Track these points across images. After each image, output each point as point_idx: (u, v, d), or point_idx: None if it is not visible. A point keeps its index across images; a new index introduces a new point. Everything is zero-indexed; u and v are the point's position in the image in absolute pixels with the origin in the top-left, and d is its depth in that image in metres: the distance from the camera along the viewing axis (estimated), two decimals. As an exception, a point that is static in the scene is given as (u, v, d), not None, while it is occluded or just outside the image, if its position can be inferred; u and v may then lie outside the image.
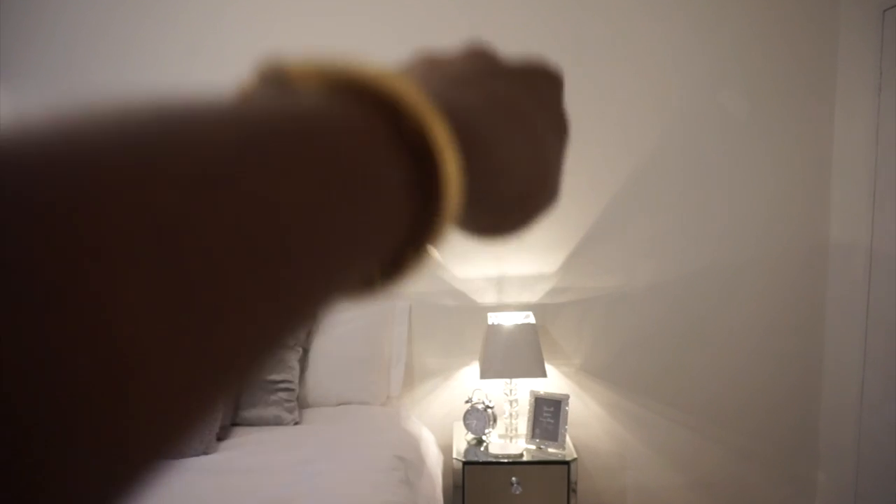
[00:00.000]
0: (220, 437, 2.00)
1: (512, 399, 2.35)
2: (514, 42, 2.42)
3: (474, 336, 2.52)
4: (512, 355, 2.25)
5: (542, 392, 2.35)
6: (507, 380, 2.34)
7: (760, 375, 2.53)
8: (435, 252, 0.22)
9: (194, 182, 0.14)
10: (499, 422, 2.42)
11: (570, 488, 2.19)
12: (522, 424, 2.38)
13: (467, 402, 2.36)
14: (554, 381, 2.52)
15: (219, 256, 0.14)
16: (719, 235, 2.49)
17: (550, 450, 2.26)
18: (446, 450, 2.40)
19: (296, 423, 2.15)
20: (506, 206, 0.28)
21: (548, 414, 2.30)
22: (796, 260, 2.49)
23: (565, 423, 2.27)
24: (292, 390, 2.21)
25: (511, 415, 2.36)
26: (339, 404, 2.33)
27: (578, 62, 2.45)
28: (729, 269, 2.50)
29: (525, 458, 2.21)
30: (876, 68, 2.20)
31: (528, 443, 2.30)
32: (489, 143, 0.24)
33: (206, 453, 1.89)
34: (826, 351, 2.49)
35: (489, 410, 2.33)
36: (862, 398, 2.27)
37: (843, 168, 2.40)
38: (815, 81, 2.42)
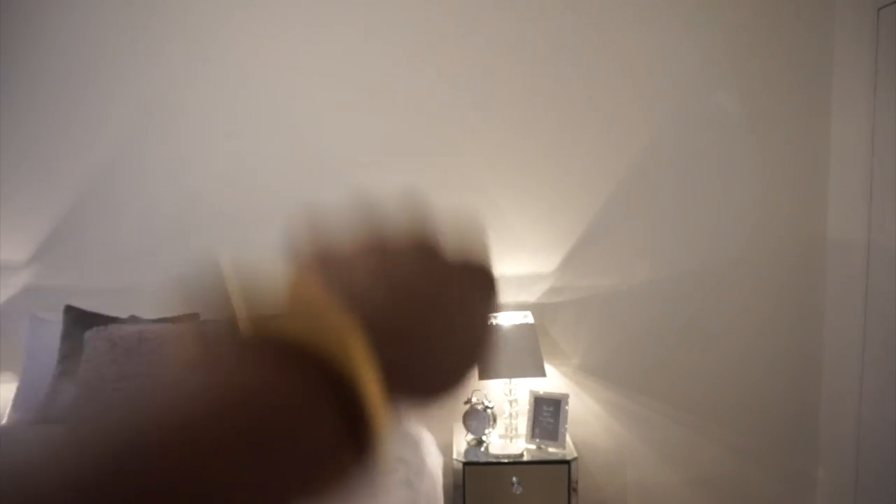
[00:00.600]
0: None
1: (511, 399, 2.35)
2: (506, 44, 2.42)
3: (473, 336, 2.51)
4: (511, 355, 2.25)
5: (541, 392, 2.35)
6: (507, 380, 2.34)
7: (759, 372, 2.53)
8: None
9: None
10: (498, 422, 2.42)
11: (571, 487, 2.19)
12: (522, 424, 2.38)
13: (466, 402, 2.36)
14: (553, 381, 2.52)
15: None
16: (716, 233, 2.50)
17: (551, 449, 2.26)
18: (446, 451, 2.40)
19: (296, 426, 2.15)
20: (424, 400, 0.29)
21: (547, 413, 2.30)
22: (794, 256, 2.49)
23: (565, 423, 2.27)
24: (292, 393, 2.20)
25: (511, 415, 2.36)
26: (339, 406, 2.32)
27: (572, 62, 2.45)
28: (726, 266, 2.50)
29: (525, 458, 2.21)
30: (871, 65, 2.20)
31: (528, 442, 2.30)
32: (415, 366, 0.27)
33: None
34: (825, 346, 2.50)
35: (489, 411, 2.33)
36: (861, 393, 2.27)
37: (840, 164, 2.41)
38: (811, 79, 2.43)
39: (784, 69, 2.43)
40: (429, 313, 0.27)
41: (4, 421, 2.37)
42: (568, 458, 2.20)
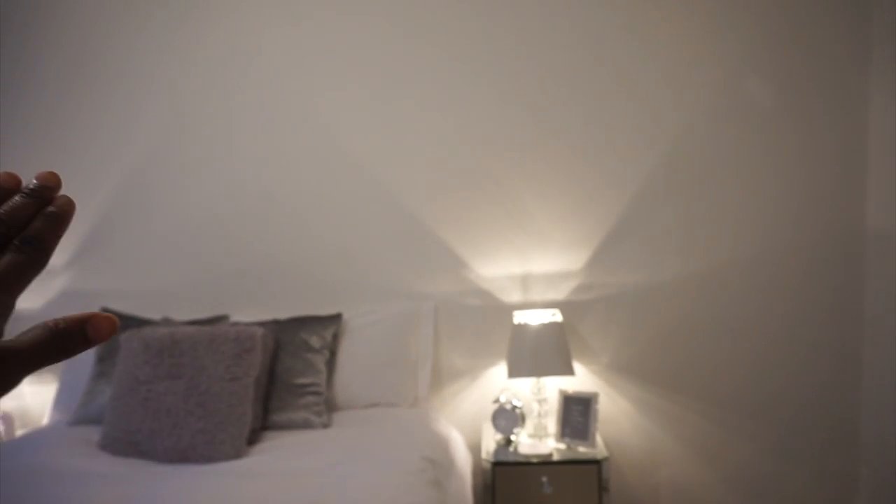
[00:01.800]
0: (251, 441, 2.02)
1: (540, 398, 2.34)
2: (532, 39, 2.39)
3: (501, 335, 2.50)
4: (539, 354, 2.23)
5: (570, 390, 2.32)
6: (535, 379, 2.32)
7: (797, 368, 2.46)
8: None
9: None
10: (528, 421, 2.40)
11: (602, 487, 2.17)
12: (552, 423, 2.36)
13: (495, 402, 2.35)
14: (582, 379, 2.49)
15: None
16: (750, 225, 2.43)
17: (581, 448, 2.23)
18: (475, 450, 2.39)
19: (325, 427, 2.17)
20: None
21: (577, 412, 2.28)
22: (832, 249, 2.42)
23: (595, 422, 2.25)
24: (320, 394, 2.22)
25: (540, 414, 2.34)
26: (368, 406, 2.34)
27: (599, 55, 2.41)
28: (761, 260, 2.44)
29: (555, 458, 2.19)
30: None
31: (557, 442, 2.28)
32: None
33: (237, 457, 1.92)
34: (865, 340, 2.42)
35: (517, 410, 2.32)
36: (904, 391, 2.19)
37: (880, 153, 2.32)
38: (849, 65, 2.35)
39: (820, 56, 2.35)
40: None
41: (46, 421, 2.44)
42: (598, 457, 2.18)
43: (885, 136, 2.29)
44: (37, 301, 2.65)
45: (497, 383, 2.50)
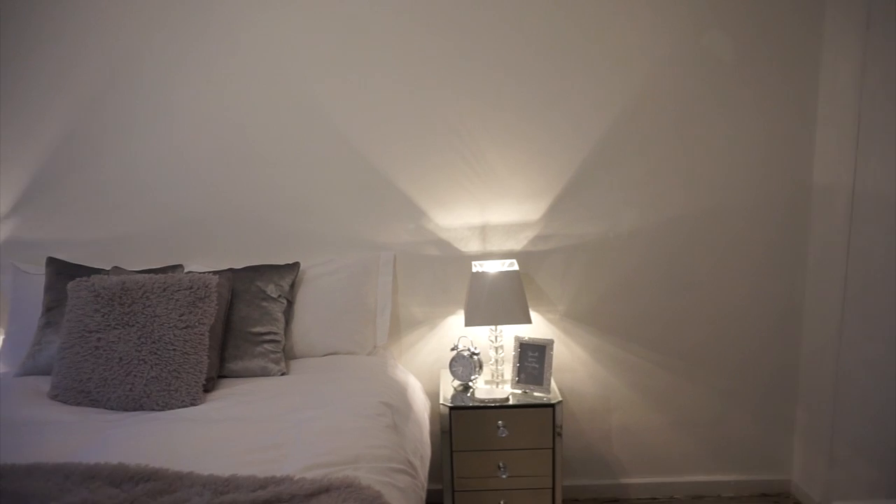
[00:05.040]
0: (207, 389, 2.01)
1: (497, 345, 2.38)
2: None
3: (459, 284, 2.53)
4: (496, 302, 2.26)
5: (526, 338, 2.37)
6: (492, 327, 2.36)
7: (743, 317, 2.56)
8: None
9: None
10: (485, 368, 2.45)
11: (556, 431, 2.23)
12: (508, 370, 2.41)
13: (453, 349, 2.38)
14: (539, 328, 2.54)
15: None
16: (703, 180, 2.48)
17: (536, 393, 2.29)
18: (433, 396, 2.44)
19: (283, 374, 2.17)
20: None
21: (532, 359, 2.33)
22: (779, 202, 2.49)
23: (550, 368, 2.30)
24: (278, 342, 2.21)
25: (497, 361, 2.39)
26: (326, 354, 2.34)
27: (559, 6, 2.38)
28: (712, 213, 2.50)
29: (511, 402, 2.25)
30: (864, 5, 2.15)
31: (513, 387, 2.33)
32: None
33: (193, 404, 1.90)
34: (807, 291, 2.52)
35: (475, 357, 2.35)
36: (841, 336, 2.31)
37: (828, 109, 2.37)
38: (802, 21, 2.37)
39: (774, 11, 2.37)
40: None
41: (-8, 373, 2.37)
42: (552, 401, 2.24)
43: (833, 93, 2.34)
44: (-22, 250, 2.55)
45: (455, 331, 2.53)
